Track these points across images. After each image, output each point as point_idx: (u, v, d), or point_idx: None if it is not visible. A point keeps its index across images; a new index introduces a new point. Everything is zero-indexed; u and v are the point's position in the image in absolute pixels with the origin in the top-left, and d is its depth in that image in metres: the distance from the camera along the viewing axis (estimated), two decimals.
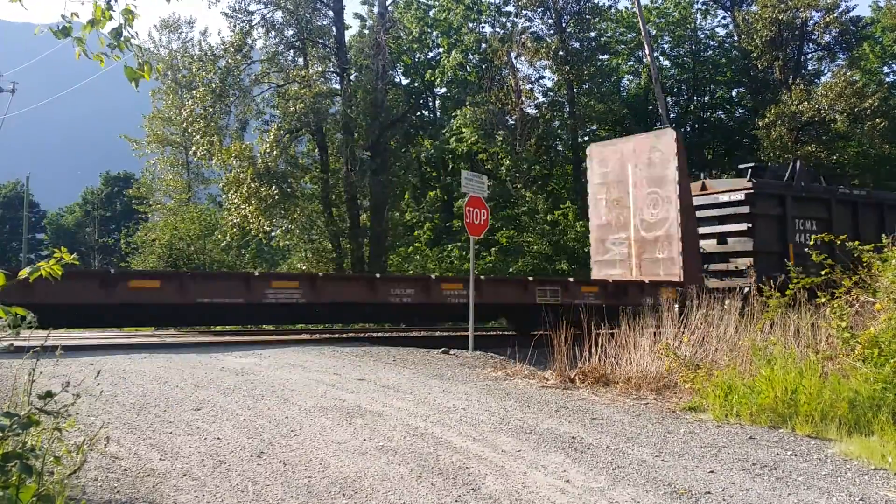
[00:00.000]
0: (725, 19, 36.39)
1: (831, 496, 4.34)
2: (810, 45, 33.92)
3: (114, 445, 4.78)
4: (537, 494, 4.19)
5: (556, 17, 31.76)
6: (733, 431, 5.94)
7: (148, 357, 8.67)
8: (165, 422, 5.60)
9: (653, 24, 34.65)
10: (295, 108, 24.69)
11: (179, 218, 28.41)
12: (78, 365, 7.59)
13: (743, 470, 4.82)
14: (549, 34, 32.00)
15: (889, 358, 6.26)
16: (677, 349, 8.03)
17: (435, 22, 33.25)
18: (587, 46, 32.46)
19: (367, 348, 10.26)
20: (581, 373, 8.30)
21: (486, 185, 10.55)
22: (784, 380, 6.31)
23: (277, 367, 8.14)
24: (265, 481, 4.29)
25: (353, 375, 7.82)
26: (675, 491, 4.33)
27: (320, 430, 5.49)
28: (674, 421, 6.32)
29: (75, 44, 3.86)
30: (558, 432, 5.67)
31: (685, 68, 35.87)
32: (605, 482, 4.46)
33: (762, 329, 7.65)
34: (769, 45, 31.36)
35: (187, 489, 4.13)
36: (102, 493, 3.97)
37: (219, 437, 5.22)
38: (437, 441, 5.27)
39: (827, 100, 28.66)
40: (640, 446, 5.35)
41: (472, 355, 9.85)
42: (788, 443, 5.59)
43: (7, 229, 65.85)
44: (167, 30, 36.68)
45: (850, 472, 4.86)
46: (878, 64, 35.23)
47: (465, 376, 8.25)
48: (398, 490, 4.20)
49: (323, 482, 4.30)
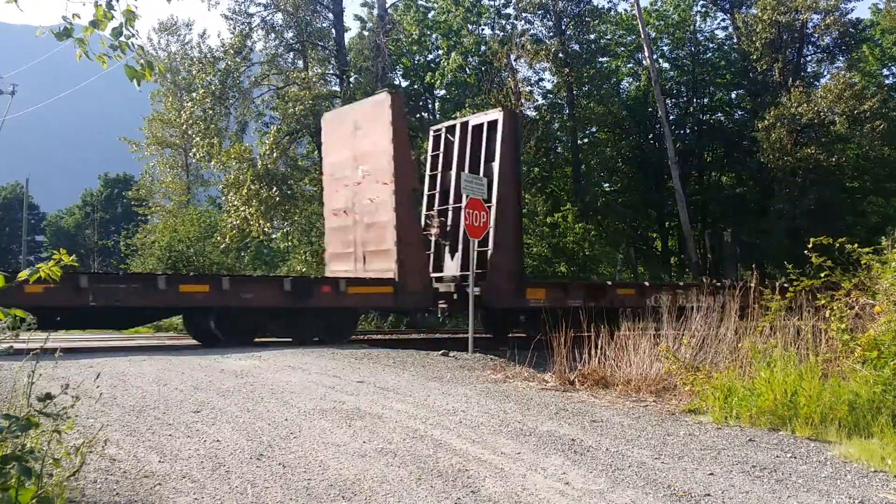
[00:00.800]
0: (725, 21, 36.39)
1: (831, 498, 4.34)
2: (810, 47, 33.92)
3: (113, 447, 4.78)
4: (537, 497, 4.19)
5: (556, 19, 31.79)
6: (733, 434, 5.93)
7: (147, 359, 8.67)
8: (165, 424, 5.59)
9: (652, 27, 34.66)
10: (294, 109, 24.72)
11: (179, 220, 28.42)
12: (77, 367, 7.58)
13: (742, 472, 4.81)
14: (548, 36, 32.03)
15: (889, 360, 6.25)
16: (677, 352, 8.03)
17: (434, 24, 33.26)
18: (587, 49, 32.48)
19: (366, 351, 10.25)
20: (580, 375, 8.30)
21: (485, 187, 10.56)
22: (784, 382, 6.30)
23: (277, 369, 8.14)
24: (264, 483, 4.28)
25: (352, 378, 7.81)
26: (674, 493, 4.33)
27: (320, 432, 5.49)
28: (673, 423, 6.31)
29: (77, 45, 3.87)
30: (558, 434, 5.67)
31: (684, 70, 35.86)
32: (605, 484, 4.45)
33: (762, 332, 7.65)
34: (768, 48, 31.36)
35: (186, 491, 4.12)
36: (101, 495, 3.97)
37: (218, 439, 5.21)
38: (436, 443, 5.26)
39: (826, 102, 28.64)
40: (640, 448, 5.35)
41: (472, 357, 9.84)
42: (788, 445, 5.59)
43: (7, 231, 65.82)
44: (166, 32, 36.74)
45: (849, 474, 4.86)
46: (877, 66, 35.24)
47: (464, 378, 8.25)
48: (397, 492, 4.20)
49: (322, 484, 4.29)
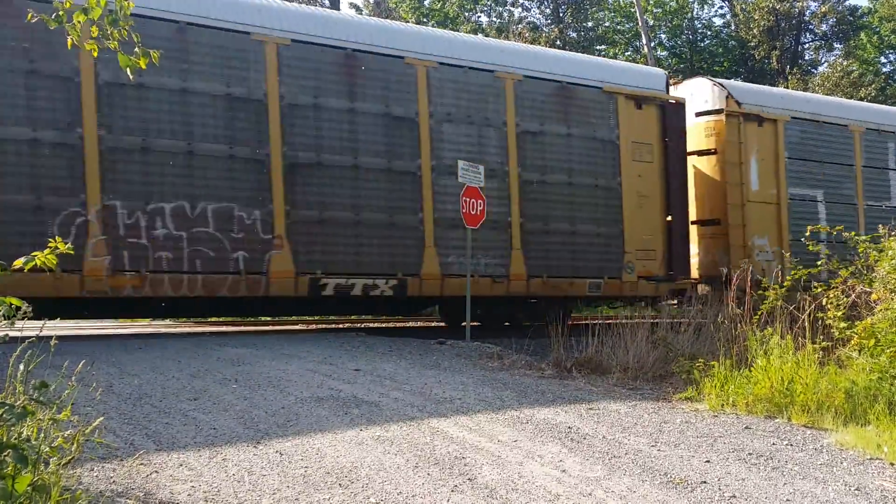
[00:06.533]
0: (723, 9, 36.37)
1: (827, 486, 4.35)
2: (807, 34, 33.90)
3: (110, 436, 4.77)
4: (533, 484, 4.20)
5: (554, 6, 31.68)
6: (729, 421, 5.95)
7: (144, 347, 8.65)
8: (162, 412, 5.59)
9: (650, 14, 34.56)
10: None
11: None
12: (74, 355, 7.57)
13: (739, 460, 4.83)
14: (546, 24, 31.92)
15: (885, 348, 6.28)
16: (674, 339, 8.04)
17: (430, 12, 33.12)
18: (585, 36, 32.39)
19: (363, 339, 10.25)
20: (577, 363, 8.31)
21: (482, 175, 10.51)
22: (780, 370, 6.32)
23: (274, 357, 8.13)
24: (261, 471, 4.29)
25: (349, 366, 7.81)
26: (671, 480, 4.34)
27: (317, 420, 5.49)
28: (670, 411, 6.33)
29: (69, 32, 3.83)
30: (554, 422, 5.68)
31: (682, 58, 35.79)
32: (602, 471, 4.46)
33: (759, 319, 7.66)
34: (766, 35, 31.32)
35: (184, 479, 4.12)
36: (98, 483, 3.96)
37: (215, 427, 5.21)
38: (433, 431, 5.27)
39: (824, 90, 28.61)
40: (637, 436, 5.36)
41: (469, 346, 9.84)
42: (784, 433, 5.61)
43: None
44: None
45: (845, 461, 4.87)
46: (875, 54, 35.22)
47: (461, 367, 8.25)
48: (395, 480, 4.20)
49: (319, 472, 4.30)
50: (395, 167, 10.80)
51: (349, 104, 10.53)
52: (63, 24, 3.73)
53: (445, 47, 11.44)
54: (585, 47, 31.89)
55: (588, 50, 31.96)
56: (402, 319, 16.18)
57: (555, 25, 31.23)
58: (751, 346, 6.92)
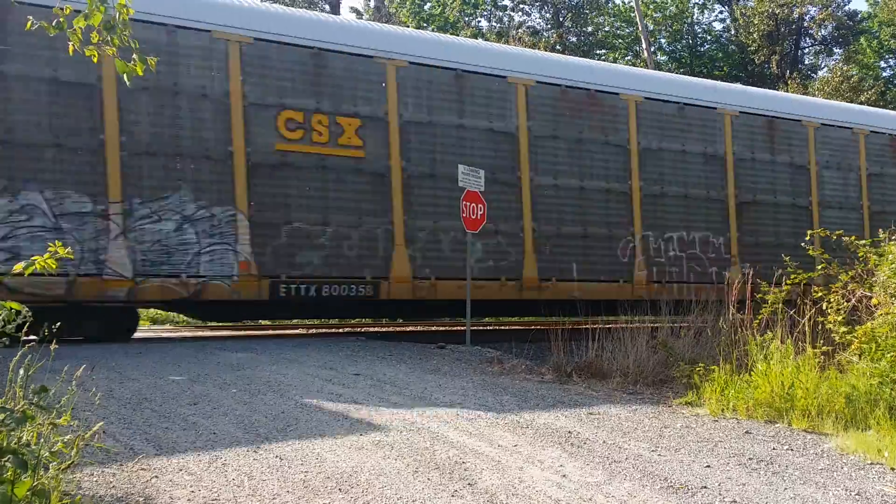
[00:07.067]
0: (722, 14, 36.40)
1: (827, 491, 4.34)
2: (807, 39, 33.97)
3: (110, 440, 4.77)
4: (534, 489, 4.19)
5: (554, 11, 31.74)
6: (729, 426, 5.95)
7: (143, 352, 8.65)
8: (162, 416, 5.59)
9: (650, 19, 34.60)
10: None
11: None
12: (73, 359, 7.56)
13: (739, 464, 4.82)
14: (546, 28, 31.99)
15: (886, 352, 6.27)
16: (674, 344, 8.04)
17: (430, 17, 33.18)
18: (585, 41, 32.45)
19: (363, 343, 10.25)
20: (577, 367, 8.31)
21: (482, 179, 10.52)
22: (781, 374, 6.31)
23: (273, 362, 8.13)
24: (261, 476, 4.28)
25: (349, 370, 7.81)
26: (671, 485, 4.33)
27: (316, 424, 5.49)
28: (670, 415, 6.32)
29: (69, 38, 3.84)
30: (555, 427, 5.67)
31: (682, 63, 35.83)
32: (602, 476, 4.46)
33: (759, 324, 7.66)
34: (766, 40, 31.38)
35: (183, 484, 4.12)
36: (98, 487, 3.96)
37: (215, 431, 5.21)
38: (433, 436, 5.26)
39: (823, 94, 28.63)
40: (637, 441, 5.36)
41: (469, 350, 9.84)
42: (785, 437, 5.60)
43: None
44: None
45: (846, 466, 4.87)
46: (874, 59, 35.24)
47: (461, 371, 8.25)
48: (395, 485, 4.20)
49: (319, 477, 4.29)
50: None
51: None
52: (64, 30, 3.74)
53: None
54: (585, 52, 31.94)
55: (588, 55, 32.02)
56: (401, 324, 16.14)
57: (555, 30, 31.28)
58: (751, 350, 6.92)
